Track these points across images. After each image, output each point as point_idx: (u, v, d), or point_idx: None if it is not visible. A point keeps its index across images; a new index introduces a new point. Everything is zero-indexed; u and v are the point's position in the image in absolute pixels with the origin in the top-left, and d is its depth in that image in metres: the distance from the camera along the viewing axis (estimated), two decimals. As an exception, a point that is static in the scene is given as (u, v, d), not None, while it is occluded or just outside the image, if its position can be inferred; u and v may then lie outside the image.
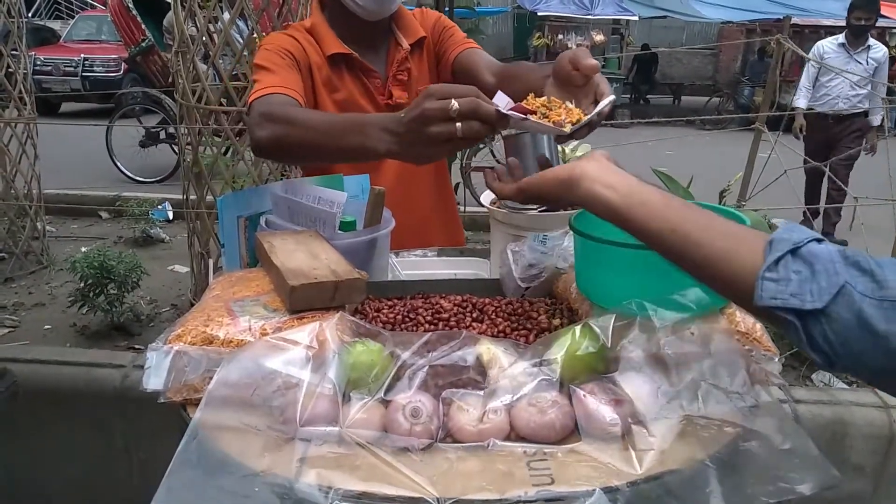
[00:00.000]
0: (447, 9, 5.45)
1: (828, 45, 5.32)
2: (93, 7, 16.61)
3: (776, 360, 0.86)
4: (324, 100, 1.57)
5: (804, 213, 4.71)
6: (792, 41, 3.63)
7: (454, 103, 0.89)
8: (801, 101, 5.39)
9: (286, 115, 1.24)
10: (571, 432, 0.80)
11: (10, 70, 3.34)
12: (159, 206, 4.32)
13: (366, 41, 1.60)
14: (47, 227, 3.78)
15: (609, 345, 0.84)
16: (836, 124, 5.11)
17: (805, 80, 5.48)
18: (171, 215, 4.33)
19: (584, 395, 0.80)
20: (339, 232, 1.23)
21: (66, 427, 2.13)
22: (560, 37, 13.89)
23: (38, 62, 11.18)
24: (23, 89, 3.39)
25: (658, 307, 0.84)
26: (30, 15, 15.32)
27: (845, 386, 2.50)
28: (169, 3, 2.69)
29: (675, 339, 0.83)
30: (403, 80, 1.62)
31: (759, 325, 0.90)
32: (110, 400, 2.06)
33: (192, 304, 1.45)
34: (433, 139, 0.92)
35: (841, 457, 2.04)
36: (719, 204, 3.39)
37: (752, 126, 3.66)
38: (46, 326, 2.81)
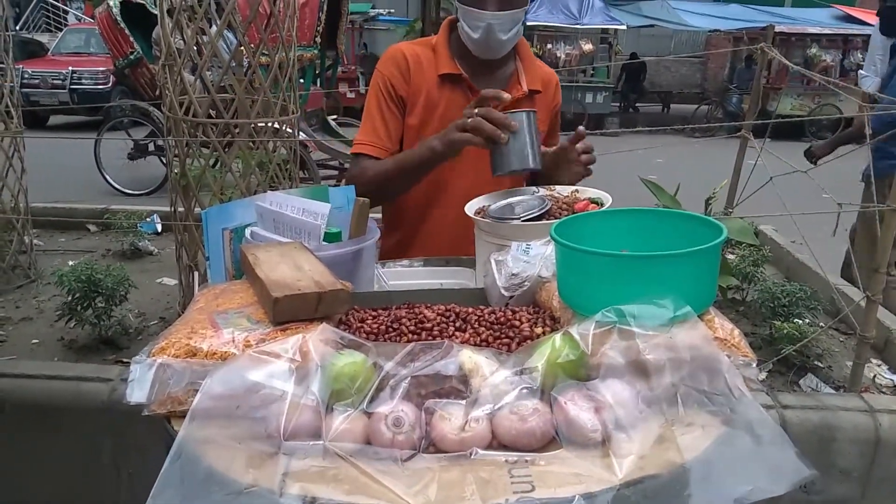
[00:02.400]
0: (434, 14, 5.48)
1: None
2: (81, 20, 16.59)
3: (754, 365, 0.87)
4: (418, 125, 1.76)
5: None
6: (778, 49, 3.66)
7: (468, 115, 1.46)
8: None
9: (369, 178, 1.71)
10: (552, 440, 0.81)
11: (-4, 84, 3.34)
12: (147, 219, 4.30)
13: (483, 65, 1.75)
14: (35, 241, 3.75)
15: (589, 352, 0.85)
16: None
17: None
18: (159, 228, 4.31)
19: (565, 403, 0.81)
20: (324, 243, 1.24)
21: (54, 442, 2.11)
22: (549, 46, 13.99)
23: (26, 75, 11.17)
24: (9, 103, 3.38)
25: (637, 314, 0.85)
26: (17, 28, 15.30)
27: (832, 391, 2.52)
28: (157, 16, 2.69)
29: (654, 345, 0.84)
30: None
31: (737, 332, 0.91)
32: (98, 414, 2.05)
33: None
34: (456, 126, 1.49)
35: (828, 461, 2.05)
36: (705, 212, 3.42)
37: (739, 133, 3.68)
38: (34, 341, 2.79)
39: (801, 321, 2.78)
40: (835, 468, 2.05)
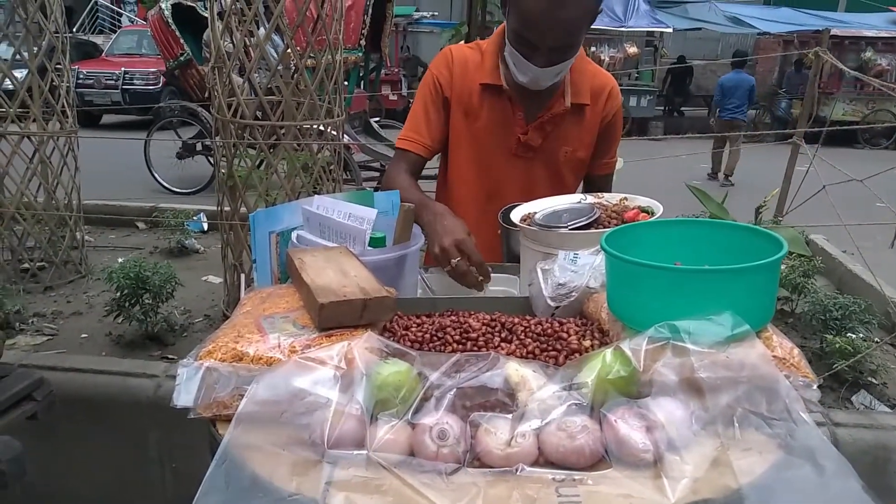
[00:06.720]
0: (481, 18, 5.46)
1: None
2: (134, 22, 17.06)
3: (814, 387, 0.84)
4: (460, 128, 1.75)
5: None
6: (831, 53, 3.56)
7: (454, 262, 1.32)
8: None
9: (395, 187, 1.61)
10: (601, 458, 0.78)
11: (53, 84, 3.43)
12: (195, 218, 4.37)
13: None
14: (86, 237, 3.84)
15: (641, 368, 0.82)
16: None
17: None
18: (205, 226, 4.38)
19: (615, 421, 0.79)
20: (369, 248, 1.24)
21: (101, 436, 2.16)
22: (594, 49, 13.83)
23: (81, 75, 11.54)
24: (65, 103, 3.47)
25: (692, 330, 0.82)
26: (73, 30, 15.79)
27: (887, 409, 2.42)
28: (207, 18, 2.74)
29: (709, 364, 0.81)
30: (546, 130, 1.72)
31: (796, 351, 0.88)
32: (144, 409, 2.08)
33: (225, 315, 1.48)
34: (439, 251, 1.36)
35: (883, 483, 1.97)
36: (755, 221, 3.33)
37: (790, 140, 3.59)
38: (83, 335, 2.86)
39: (854, 335, 2.68)
40: (891, 491, 1.96)
